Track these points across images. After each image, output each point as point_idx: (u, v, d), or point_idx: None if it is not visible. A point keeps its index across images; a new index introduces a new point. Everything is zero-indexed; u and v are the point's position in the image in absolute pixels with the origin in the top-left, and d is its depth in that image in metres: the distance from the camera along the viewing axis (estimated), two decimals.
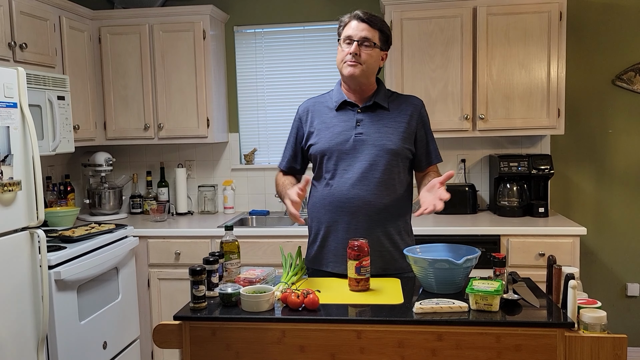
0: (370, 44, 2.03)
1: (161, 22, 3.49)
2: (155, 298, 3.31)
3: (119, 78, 3.56)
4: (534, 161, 3.32)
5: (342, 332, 1.63)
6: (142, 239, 3.27)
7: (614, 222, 3.58)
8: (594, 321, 1.55)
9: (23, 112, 2.29)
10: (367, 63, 2.03)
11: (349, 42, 2.03)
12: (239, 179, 3.89)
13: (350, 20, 2.06)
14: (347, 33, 2.04)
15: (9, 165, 2.20)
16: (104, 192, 3.67)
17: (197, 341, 1.69)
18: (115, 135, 3.61)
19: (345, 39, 2.04)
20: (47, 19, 3.04)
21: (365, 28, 2.02)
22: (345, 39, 2.04)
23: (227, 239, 1.98)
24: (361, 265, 1.85)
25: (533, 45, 3.20)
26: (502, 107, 3.25)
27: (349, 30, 2.04)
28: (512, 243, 3.01)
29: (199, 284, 1.73)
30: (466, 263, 1.75)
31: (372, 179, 2.04)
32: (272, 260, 3.08)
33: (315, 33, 3.80)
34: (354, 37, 2.02)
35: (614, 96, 3.52)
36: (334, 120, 2.11)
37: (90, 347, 2.78)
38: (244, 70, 3.88)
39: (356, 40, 2.01)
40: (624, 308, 3.58)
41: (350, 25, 2.04)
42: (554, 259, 1.76)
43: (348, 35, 2.04)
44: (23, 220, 2.29)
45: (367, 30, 2.02)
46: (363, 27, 2.02)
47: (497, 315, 1.61)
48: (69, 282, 2.63)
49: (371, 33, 2.03)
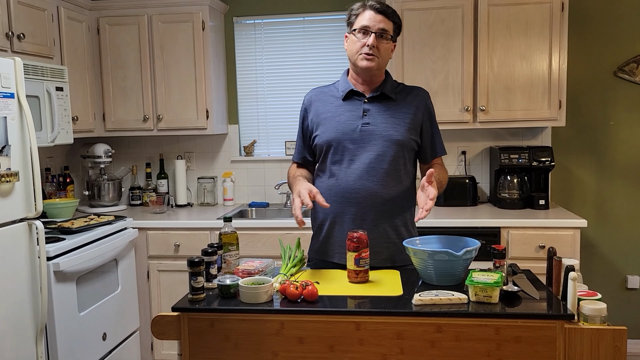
0: (387, 36, 1.99)
1: (160, 12, 3.47)
2: (155, 290, 3.32)
3: (118, 69, 3.54)
4: (534, 153, 3.30)
5: (341, 323, 1.62)
6: (142, 230, 3.27)
7: (614, 215, 3.57)
8: (593, 313, 1.54)
9: (20, 102, 2.28)
10: (383, 56, 2.01)
11: (365, 32, 1.98)
12: (238, 170, 3.88)
13: (364, 9, 2.00)
14: (362, 23, 1.98)
15: (7, 156, 2.19)
16: (103, 183, 3.66)
17: (195, 332, 1.68)
18: (114, 127, 3.59)
19: (361, 29, 1.98)
20: (45, 9, 3.02)
21: (382, 20, 1.97)
22: (361, 29, 1.98)
23: (226, 231, 1.97)
24: (360, 257, 1.84)
25: (534, 36, 3.17)
26: (503, 99, 3.23)
27: (364, 21, 1.98)
28: (512, 235, 3.00)
29: (198, 275, 1.73)
30: (466, 255, 1.75)
31: (379, 170, 2.02)
32: (271, 252, 3.08)
33: (316, 24, 3.77)
34: (372, 29, 1.96)
35: (616, 88, 3.50)
36: (340, 110, 2.08)
37: (89, 338, 2.79)
38: (243, 61, 3.86)
39: (374, 32, 1.96)
40: (624, 300, 3.58)
41: (365, 15, 1.98)
42: (554, 251, 1.75)
43: (364, 26, 1.97)
44: (21, 212, 2.29)
45: (384, 22, 1.97)
46: (380, 19, 1.97)
47: (497, 307, 1.60)
48: (68, 273, 2.63)
49: (388, 25, 1.99)
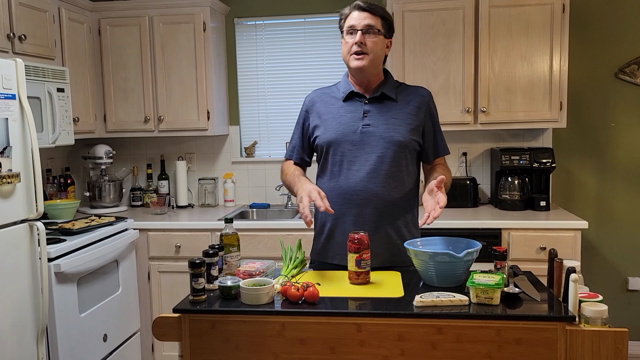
0: (374, 31, 2.01)
1: (161, 13, 3.47)
2: (156, 291, 3.31)
3: (119, 70, 3.55)
4: (535, 154, 3.30)
5: (342, 325, 1.62)
6: (143, 231, 3.27)
7: (615, 216, 3.57)
8: (595, 315, 1.54)
9: (22, 103, 2.28)
10: (373, 51, 2.01)
11: (352, 32, 2.01)
12: (239, 171, 3.88)
13: (350, 11, 2.04)
14: (349, 24, 2.02)
15: (8, 157, 2.19)
16: (104, 184, 3.67)
17: (196, 334, 1.68)
18: (115, 128, 3.59)
19: (349, 29, 2.02)
20: (47, 11, 3.02)
21: (367, 16, 2.00)
22: (349, 30, 2.02)
23: (227, 232, 1.97)
24: (361, 259, 1.84)
25: (535, 37, 3.17)
26: (504, 100, 3.23)
27: (351, 21, 2.02)
28: (514, 236, 3.00)
29: (199, 276, 1.73)
30: (467, 256, 1.74)
31: (380, 172, 2.02)
32: (272, 253, 3.08)
33: (316, 25, 3.77)
34: (357, 27, 2.00)
35: (617, 89, 3.49)
36: (341, 111, 2.09)
37: (90, 339, 2.79)
38: (244, 62, 3.86)
39: (360, 29, 1.99)
40: (625, 302, 3.58)
41: (352, 15, 2.03)
42: (555, 252, 1.75)
43: (351, 26, 2.01)
44: (22, 213, 2.29)
45: (369, 18, 2.00)
46: (365, 16, 2.00)
47: (498, 308, 1.60)
48: (69, 274, 2.63)
49: (374, 20, 2.01)
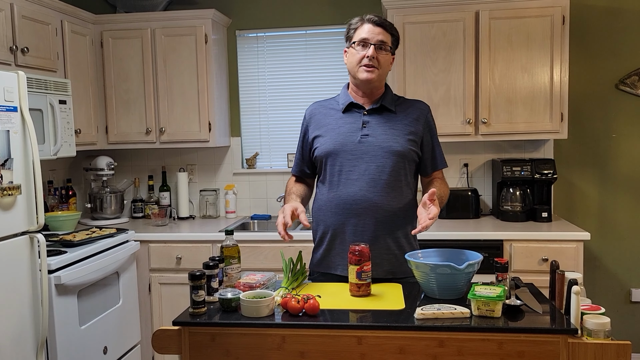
0: (386, 48, 2.02)
1: (163, 26, 3.49)
2: (157, 303, 3.30)
3: (121, 82, 3.56)
4: (537, 166, 3.30)
5: (343, 337, 1.61)
6: (144, 243, 3.27)
7: (617, 227, 3.55)
8: (597, 327, 1.53)
9: (23, 116, 2.29)
10: (383, 67, 2.03)
11: (364, 45, 2.01)
12: (240, 183, 3.88)
13: (362, 23, 2.03)
14: (361, 36, 2.02)
15: (9, 169, 2.19)
16: (106, 196, 3.67)
17: (196, 347, 1.67)
18: (117, 140, 3.60)
19: (361, 41, 2.02)
20: (49, 23, 3.04)
21: (381, 32, 2.01)
22: (361, 42, 2.02)
23: (228, 244, 1.97)
24: (362, 270, 1.83)
25: (536, 49, 3.18)
26: (504, 112, 3.24)
27: (364, 33, 2.01)
28: (515, 248, 2.99)
29: (199, 289, 1.73)
30: (468, 268, 1.74)
31: (379, 181, 2.02)
32: (272, 265, 3.07)
33: (317, 37, 3.79)
34: (371, 41, 2.00)
35: (618, 100, 3.50)
36: (340, 122, 2.10)
37: (90, 352, 2.77)
38: (246, 74, 3.88)
39: (373, 43, 2.00)
40: (628, 314, 3.55)
41: (364, 28, 2.02)
42: (557, 264, 1.74)
43: (364, 38, 2.01)
44: (23, 225, 2.29)
45: (382, 34, 2.01)
46: (379, 31, 2.01)
47: (500, 321, 1.59)
48: (70, 286, 2.62)
49: (387, 37, 2.03)
